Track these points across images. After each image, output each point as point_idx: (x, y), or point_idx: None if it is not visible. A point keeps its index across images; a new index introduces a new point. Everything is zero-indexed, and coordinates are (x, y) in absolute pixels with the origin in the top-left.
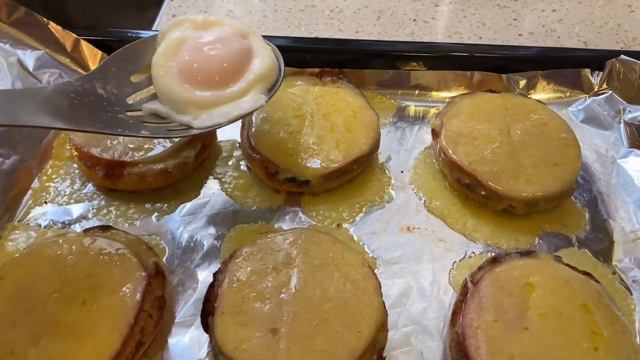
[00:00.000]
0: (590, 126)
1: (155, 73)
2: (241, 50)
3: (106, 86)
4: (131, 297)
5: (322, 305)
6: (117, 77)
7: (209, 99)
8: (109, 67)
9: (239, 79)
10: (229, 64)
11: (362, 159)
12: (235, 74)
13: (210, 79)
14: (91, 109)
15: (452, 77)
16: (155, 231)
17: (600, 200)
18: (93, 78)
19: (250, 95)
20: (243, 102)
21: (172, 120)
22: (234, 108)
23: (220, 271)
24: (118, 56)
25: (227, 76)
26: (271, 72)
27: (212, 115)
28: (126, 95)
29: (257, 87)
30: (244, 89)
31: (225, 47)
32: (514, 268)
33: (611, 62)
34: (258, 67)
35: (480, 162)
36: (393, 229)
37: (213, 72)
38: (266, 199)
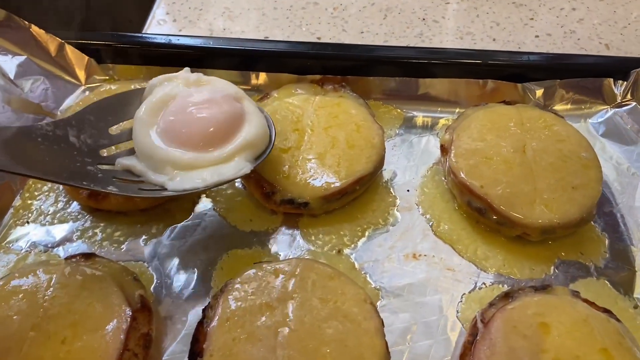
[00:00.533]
0: (612, 140)
1: (137, 128)
2: (231, 115)
3: (80, 135)
4: (114, 335)
5: (320, 349)
6: (94, 127)
7: (189, 160)
8: (87, 115)
9: (225, 144)
10: (216, 127)
11: (365, 178)
12: (222, 138)
13: (193, 140)
14: (58, 157)
15: (463, 86)
16: (143, 257)
17: (622, 225)
18: (67, 124)
19: (235, 162)
20: (226, 167)
21: (146, 179)
22: (214, 173)
23: (210, 307)
24: (99, 105)
25: (212, 139)
26: (260, 141)
27: (190, 177)
28: (100, 147)
29: (242, 154)
30: (229, 155)
31: (215, 109)
32: (528, 305)
33: (636, 71)
34: (246, 134)
35: (492, 184)
36: (398, 255)
37: (198, 133)
38: (262, 220)
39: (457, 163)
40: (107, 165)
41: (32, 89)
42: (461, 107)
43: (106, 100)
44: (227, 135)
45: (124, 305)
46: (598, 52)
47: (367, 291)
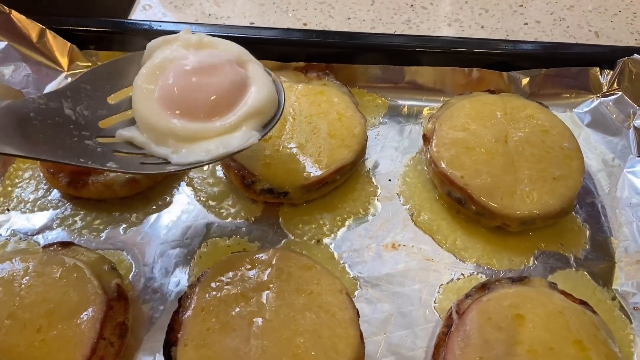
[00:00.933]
0: (597, 131)
1: (136, 96)
2: (235, 81)
3: (76, 106)
4: (89, 324)
5: (294, 339)
6: (91, 97)
7: (193, 131)
8: (82, 84)
9: (230, 112)
10: (220, 95)
11: (346, 168)
12: (226, 105)
13: (196, 110)
14: (53, 132)
15: (449, 74)
16: (122, 245)
17: (603, 216)
18: (61, 96)
19: (241, 131)
20: (232, 138)
21: (149, 151)
22: (220, 144)
23: (186, 296)
24: (95, 73)
25: (216, 108)
26: (268, 107)
27: (195, 150)
28: (99, 119)
29: (250, 122)
30: (235, 124)
31: (218, 74)
32: (504, 297)
33: (623, 61)
34: (253, 100)
35: (473, 175)
36: (377, 246)
37: (200, 102)
38: (242, 209)
39: (438, 153)
40: (106, 137)
41: (13, 76)
42: (446, 95)
43: (103, 67)
44: (231, 103)
45: (100, 294)
46: (587, 40)
47: (345, 281)
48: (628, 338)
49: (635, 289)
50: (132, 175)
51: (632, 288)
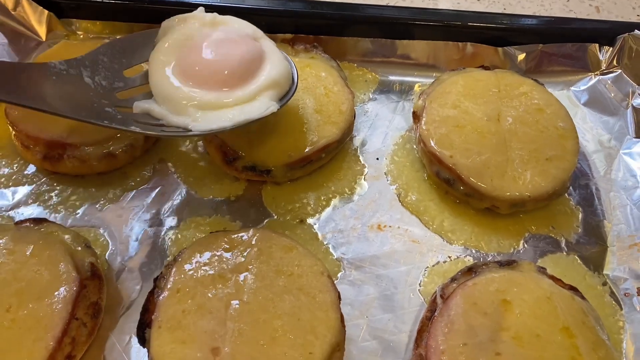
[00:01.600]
0: (594, 110)
1: (154, 68)
2: (251, 53)
3: (94, 76)
4: (61, 304)
5: (272, 322)
6: (108, 69)
7: (212, 100)
8: (100, 55)
9: (247, 83)
10: (238, 65)
11: (332, 146)
12: (243, 76)
13: (215, 79)
14: (74, 96)
15: (442, 48)
16: (98, 222)
17: (597, 198)
18: (80, 64)
19: (259, 101)
20: (251, 107)
21: (167, 122)
22: (241, 112)
23: (162, 276)
24: (112, 46)
25: (234, 78)
26: (284, 80)
27: (215, 117)
28: (115, 90)
29: (267, 93)
30: (253, 93)
31: (235, 47)
32: (491, 282)
33: (623, 37)
34: (270, 72)
35: (462, 154)
36: (362, 226)
37: (219, 72)
38: (224, 187)
39: (428, 131)
40: (124, 108)
41: None
42: (439, 71)
43: (119, 42)
44: (248, 74)
45: (72, 273)
46: (587, 15)
47: (328, 262)
48: (617, 325)
49: (627, 274)
50: (109, 151)
51: (623, 273)
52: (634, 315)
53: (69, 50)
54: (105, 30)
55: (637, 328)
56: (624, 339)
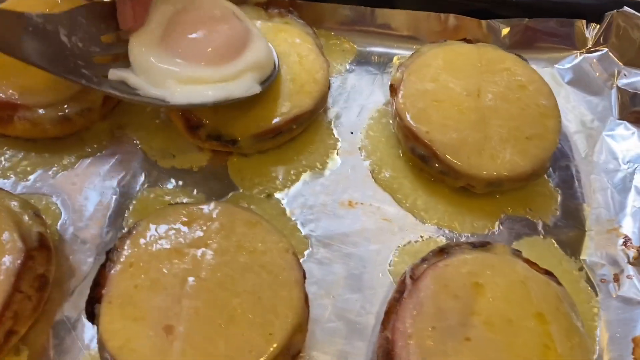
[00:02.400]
0: (578, 89)
1: (134, 37)
2: (239, 32)
3: (71, 36)
4: (3, 275)
5: (230, 300)
6: (86, 31)
7: (194, 75)
8: (78, 16)
9: (231, 62)
10: (225, 43)
11: (303, 117)
12: (228, 55)
13: (200, 55)
14: (52, 51)
15: (424, 19)
16: (51, 190)
17: (577, 181)
18: (58, 22)
19: (241, 81)
20: (233, 85)
21: (143, 92)
22: (223, 90)
23: (115, 249)
24: (90, 9)
25: (219, 55)
26: (266, 63)
27: (196, 92)
28: (91, 54)
29: (249, 74)
30: (235, 73)
31: (222, 25)
32: (463, 263)
33: (611, 14)
34: (254, 54)
35: (439, 130)
36: (333, 202)
37: (203, 47)
38: (186, 157)
39: (404, 105)
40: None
41: None
42: (420, 43)
43: (99, 5)
44: (232, 53)
45: (17, 243)
46: None
47: (295, 239)
48: (592, 311)
49: (604, 260)
50: (65, 114)
51: (600, 259)
52: (610, 302)
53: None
54: None
55: (612, 315)
56: (598, 325)
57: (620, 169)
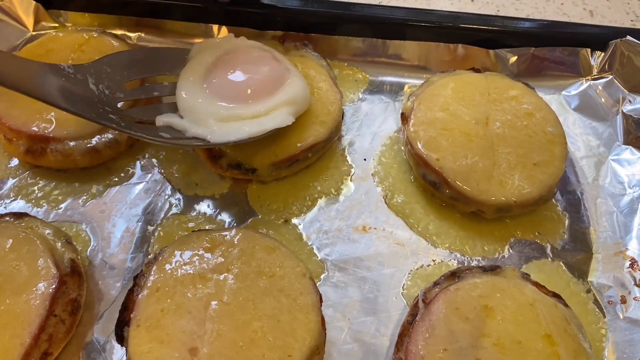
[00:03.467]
0: (584, 115)
1: (183, 83)
2: (275, 72)
3: (99, 84)
4: (39, 300)
5: (251, 324)
6: (111, 79)
7: (234, 111)
8: (104, 65)
9: (268, 98)
10: (263, 81)
11: (318, 146)
12: (266, 92)
13: (241, 94)
14: (83, 99)
15: (433, 49)
16: (81, 218)
17: (584, 205)
18: (86, 71)
19: (275, 114)
20: (268, 118)
21: (189, 133)
22: (258, 125)
23: (142, 274)
24: (114, 58)
25: (257, 93)
26: (302, 99)
27: (234, 129)
28: (116, 100)
29: (284, 108)
30: (270, 108)
31: (259, 66)
32: (474, 287)
33: (615, 42)
34: (289, 91)
35: (449, 157)
36: (347, 227)
37: (246, 86)
38: (209, 185)
39: (415, 133)
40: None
41: None
42: (430, 72)
43: (119, 55)
44: (270, 90)
45: (52, 269)
46: (581, 19)
47: (312, 263)
48: (600, 332)
49: (611, 282)
50: (93, 146)
51: (608, 281)
52: (617, 324)
53: (56, 43)
54: (94, 23)
55: (619, 336)
56: (606, 346)
57: (626, 193)
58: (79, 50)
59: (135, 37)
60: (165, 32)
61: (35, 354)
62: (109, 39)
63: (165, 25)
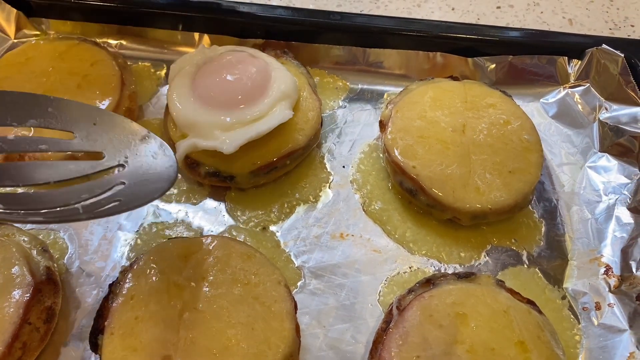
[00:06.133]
0: (561, 124)
1: (174, 102)
2: (260, 69)
3: None
4: (13, 307)
5: (225, 331)
6: None
7: (236, 119)
8: None
9: (262, 98)
10: (252, 81)
11: (297, 153)
12: (259, 90)
13: (233, 99)
14: None
15: (413, 58)
16: (58, 226)
17: (560, 212)
18: None
19: (275, 111)
20: (270, 117)
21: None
22: (263, 124)
23: (117, 282)
24: None
25: (251, 94)
26: (292, 91)
27: (241, 134)
28: None
29: (282, 103)
30: (268, 107)
31: (245, 67)
32: (448, 294)
33: (591, 51)
34: (280, 86)
35: (425, 165)
36: (325, 235)
37: (236, 90)
38: (187, 192)
39: (392, 140)
40: None
41: None
42: (409, 80)
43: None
44: (262, 88)
45: (27, 277)
46: (560, 28)
47: (289, 271)
48: (574, 339)
49: (587, 288)
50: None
51: (583, 287)
52: (591, 330)
53: (36, 50)
54: (76, 31)
55: (594, 342)
56: (580, 353)
57: (602, 200)
58: (59, 59)
59: (117, 44)
60: (147, 40)
61: None
62: (90, 47)
63: (147, 33)
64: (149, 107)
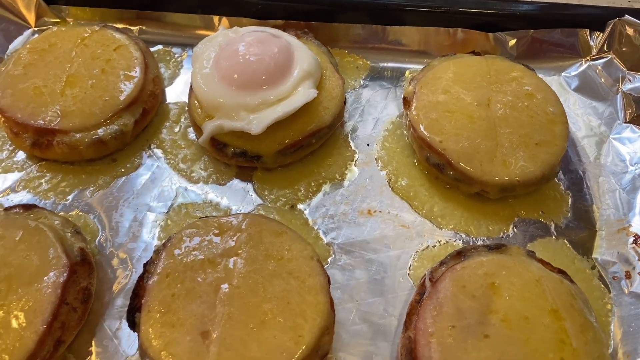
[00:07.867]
0: (584, 96)
1: (198, 84)
2: (283, 49)
3: None
4: (51, 288)
5: (261, 306)
6: None
7: (261, 100)
8: None
9: (286, 78)
10: (275, 61)
11: (322, 131)
12: (282, 72)
13: (258, 81)
14: None
15: (433, 34)
16: (89, 209)
17: (587, 183)
18: None
19: (300, 91)
20: (295, 97)
21: (226, 127)
22: (288, 105)
23: (152, 261)
24: None
25: (275, 76)
26: (315, 69)
27: (267, 115)
28: None
29: (306, 82)
30: (292, 87)
31: (267, 47)
32: (480, 265)
33: (613, 22)
34: (302, 65)
35: (452, 139)
36: (352, 211)
37: (260, 73)
38: (214, 173)
39: (418, 116)
40: None
41: None
42: (430, 57)
43: None
44: (285, 69)
45: (62, 258)
46: (579, 1)
47: (319, 247)
48: (605, 307)
49: (615, 258)
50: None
51: (612, 257)
52: (622, 298)
53: (59, 37)
54: (95, 17)
55: (625, 311)
56: (612, 321)
57: (628, 171)
58: (81, 45)
59: (137, 30)
60: (166, 24)
61: (48, 342)
62: (111, 33)
63: (166, 17)
64: (171, 91)
